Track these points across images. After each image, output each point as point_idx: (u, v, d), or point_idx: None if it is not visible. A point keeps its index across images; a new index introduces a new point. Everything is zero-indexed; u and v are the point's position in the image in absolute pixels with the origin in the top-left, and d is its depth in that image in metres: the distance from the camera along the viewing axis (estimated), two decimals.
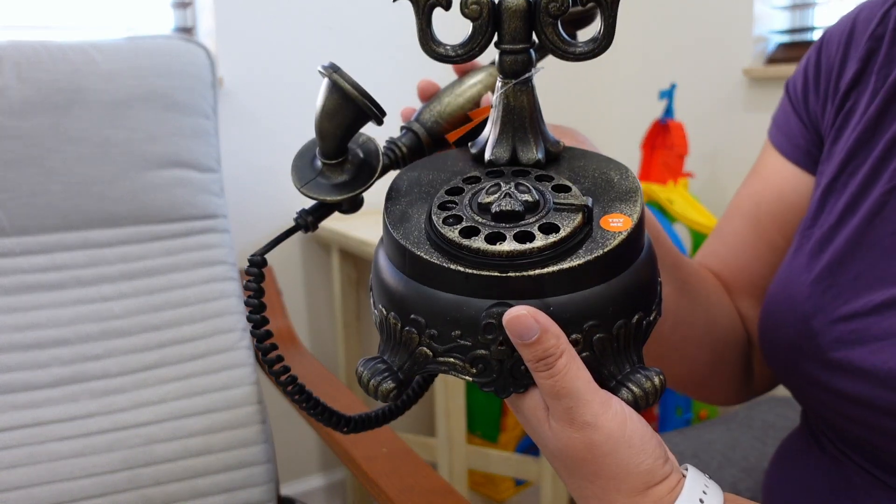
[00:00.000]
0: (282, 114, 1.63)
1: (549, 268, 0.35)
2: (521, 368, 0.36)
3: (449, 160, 0.44)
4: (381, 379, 0.38)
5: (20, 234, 1.02)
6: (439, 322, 0.36)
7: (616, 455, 0.35)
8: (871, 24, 0.57)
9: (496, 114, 0.41)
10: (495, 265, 0.35)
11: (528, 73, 0.40)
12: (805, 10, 1.74)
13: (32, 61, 1.05)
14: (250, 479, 1.01)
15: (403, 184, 0.42)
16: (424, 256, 0.36)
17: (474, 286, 0.35)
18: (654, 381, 0.36)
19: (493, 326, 0.35)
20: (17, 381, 0.96)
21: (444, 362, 0.36)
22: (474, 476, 1.75)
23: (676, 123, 1.69)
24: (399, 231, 0.38)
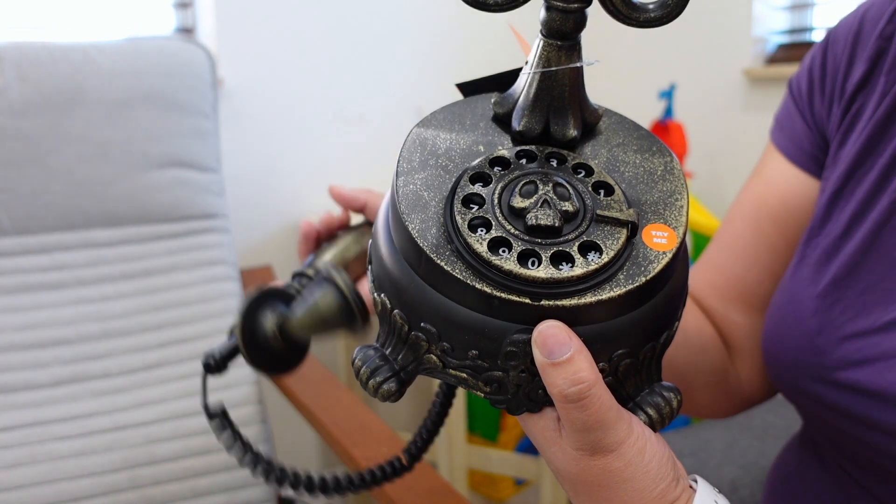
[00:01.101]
0: (282, 114, 1.63)
1: (587, 298, 0.31)
2: (539, 392, 0.33)
3: (468, 117, 0.38)
4: (382, 379, 0.34)
5: (21, 233, 1.02)
6: (454, 338, 0.32)
7: (632, 482, 0.33)
8: (879, 22, 0.54)
9: (532, 77, 0.35)
10: (527, 292, 0.31)
11: (575, 37, 0.34)
12: (804, 10, 1.74)
13: (33, 62, 1.05)
14: (250, 478, 1.01)
15: (416, 151, 0.36)
16: (445, 266, 0.31)
17: (500, 309, 0.31)
18: (673, 403, 0.34)
19: (516, 354, 0.31)
20: (18, 380, 0.96)
21: (454, 375, 0.33)
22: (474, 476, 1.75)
23: (676, 124, 1.69)
24: (414, 223, 0.32)
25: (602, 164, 0.36)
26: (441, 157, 0.36)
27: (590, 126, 0.38)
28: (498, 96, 0.38)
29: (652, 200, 0.35)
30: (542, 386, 0.32)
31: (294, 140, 1.65)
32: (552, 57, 0.34)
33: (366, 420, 0.94)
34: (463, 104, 0.39)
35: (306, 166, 1.67)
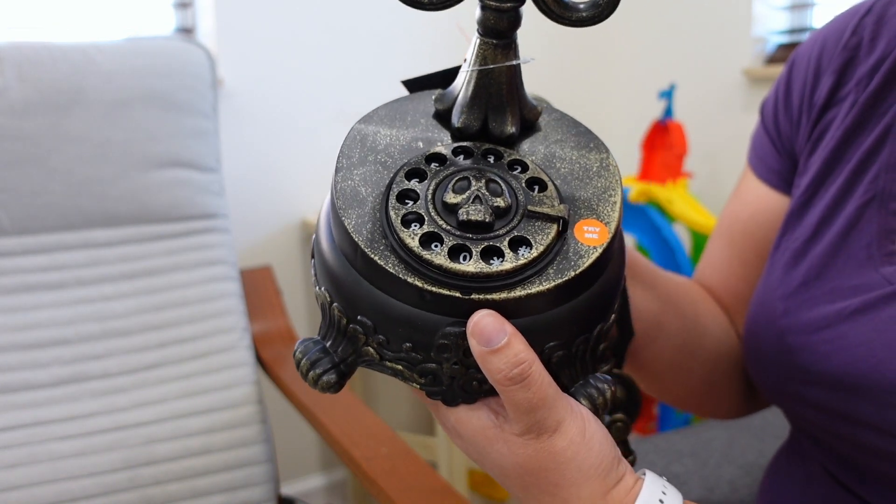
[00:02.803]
0: (282, 114, 1.63)
1: (516, 292, 0.31)
2: (473, 384, 0.33)
3: (409, 113, 0.38)
4: (321, 371, 0.35)
5: (21, 233, 1.02)
6: (389, 331, 0.33)
7: (577, 460, 0.34)
8: (843, 35, 0.56)
9: (470, 74, 0.35)
10: (457, 286, 0.31)
11: (511, 36, 0.34)
12: (804, 10, 1.74)
13: (33, 62, 1.05)
14: (250, 478, 1.01)
15: (357, 147, 0.36)
16: (378, 261, 0.32)
17: (432, 303, 0.31)
18: (606, 394, 0.35)
19: (448, 347, 0.32)
20: (18, 380, 0.96)
21: (390, 367, 0.34)
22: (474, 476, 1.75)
23: (676, 123, 1.69)
24: (351, 219, 0.33)
25: (539, 160, 0.37)
26: (380, 154, 0.36)
27: (529, 123, 0.38)
28: (439, 93, 0.38)
29: (586, 196, 0.35)
30: (475, 377, 0.33)
31: (294, 140, 1.65)
32: (488, 55, 0.34)
33: (366, 420, 0.94)
34: (406, 101, 0.39)
35: (306, 166, 1.67)
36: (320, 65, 1.66)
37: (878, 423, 0.46)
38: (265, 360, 1.14)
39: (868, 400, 0.46)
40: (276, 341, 1.19)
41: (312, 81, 1.66)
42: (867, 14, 0.55)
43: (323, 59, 1.66)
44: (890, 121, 0.51)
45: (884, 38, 0.53)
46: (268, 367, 1.14)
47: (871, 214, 0.50)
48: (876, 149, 0.51)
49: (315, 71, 1.65)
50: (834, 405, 0.49)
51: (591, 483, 0.34)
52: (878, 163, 0.51)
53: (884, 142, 0.51)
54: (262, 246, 1.63)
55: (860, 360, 0.46)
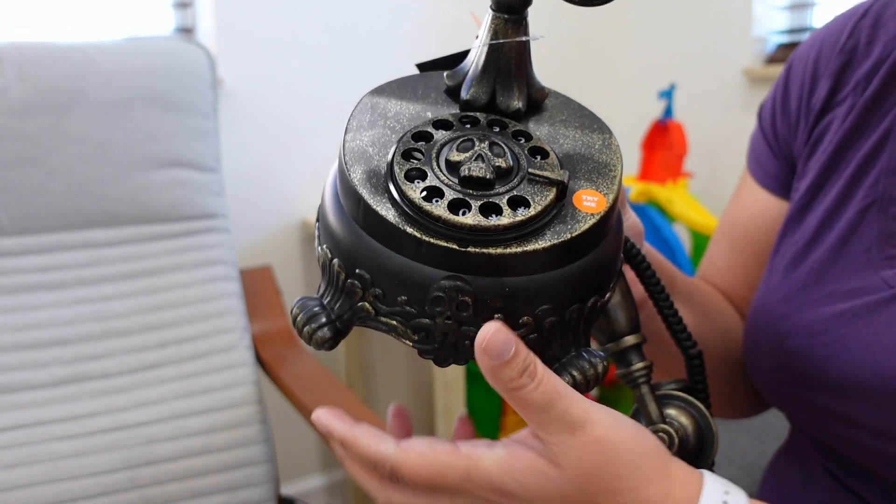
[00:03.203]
0: (282, 114, 1.63)
1: (512, 248, 0.32)
2: (465, 342, 0.33)
3: (420, 87, 0.40)
4: (316, 326, 0.35)
5: (21, 233, 1.02)
6: (386, 283, 0.33)
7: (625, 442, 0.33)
8: (840, 38, 0.56)
9: (480, 49, 0.36)
10: (455, 237, 0.32)
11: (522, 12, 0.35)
12: (804, 10, 1.74)
13: (33, 62, 1.05)
14: (250, 478, 1.01)
15: (367, 112, 0.37)
16: (380, 211, 0.32)
17: (429, 255, 0.32)
18: (598, 367, 0.35)
19: (442, 300, 0.32)
20: (18, 380, 0.96)
21: (385, 323, 0.34)
22: None
23: (676, 123, 1.69)
24: (356, 173, 0.34)
25: (543, 135, 0.38)
26: (390, 119, 0.37)
27: (535, 102, 0.39)
28: (450, 70, 0.40)
29: (587, 169, 0.36)
30: (468, 336, 0.33)
31: (294, 140, 1.65)
32: (500, 30, 0.35)
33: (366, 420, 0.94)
34: (417, 77, 0.41)
35: (306, 166, 1.67)
36: (320, 65, 1.66)
37: (878, 425, 0.46)
38: (265, 360, 1.14)
39: (867, 402, 0.46)
40: (276, 341, 1.19)
41: (312, 81, 1.65)
42: (863, 17, 0.55)
43: (323, 59, 1.66)
44: (889, 125, 0.51)
45: (880, 40, 0.53)
46: (268, 367, 1.14)
47: (871, 218, 0.50)
48: (875, 153, 0.51)
49: (315, 71, 1.65)
50: (834, 407, 0.49)
51: (650, 459, 0.33)
52: (877, 167, 0.51)
53: (883, 146, 0.51)
54: (262, 246, 1.63)
55: (860, 363, 0.46)
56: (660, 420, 0.43)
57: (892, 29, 0.53)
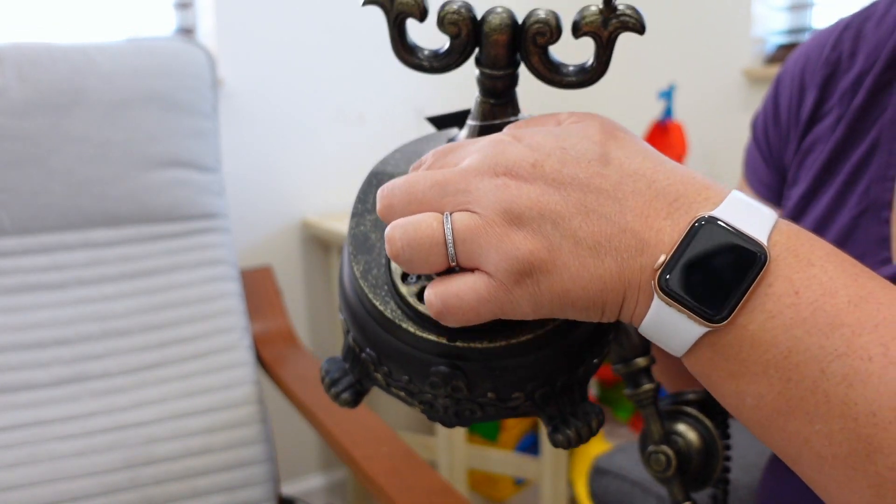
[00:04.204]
0: (282, 114, 1.63)
1: (497, 342, 0.33)
2: (466, 412, 0.36)
3: (423, 156, 0.41)
4: (340, 389, 0.39)
5: (21, 233, 1.02)
6: (390, 364, 0.36)
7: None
8: (824, 50, 0.58)
9: (472, 128, 0.37)
10: (444, 332, 0.34)
11: (510, 93, 0.36)
12: (803, 10, 1.75)
13: (34, 62, 1.05)
14: (250, 478, 1.01)
15: (372, 192, 0.39)
16: (379, 307, 0.35)
17: (423, 346, 0.34)
18: (592, 424, 0.36)
19: (438, 384, 0.34)
20: (18, 380, 0.97)
21: (396, 394, 0.37)
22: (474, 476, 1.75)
23: (675, 124, 1.69)
24: (360, 265, 0.36)
25: None
26: None
27: None
28: (452, 136, 0.41)
29: None
30: (468, 407, 0.35)
31: (294, 140, 1.65)
32: (487, 113, 0.36)
33: (366, 420, 0.95)
34: (422, 142, 0.42)
35: (306, 166, 1.67)
36: (320, 65, 1.66)
37: None
38: (265, 360, 1.14)
39: None
40: (276, 341, 1.19)
41: (312, 81, 1.66)
42: (846, 29, 0.57)
43: (323, 59, 1.66)
44: (877, 134, 0.53)
45: (862, 52, 0.55)
46: (268, 367, 1.14)
47: (865, 225, 0.52)
48: (865, 161, 0.53)
49: (315, 71, 1.65)
50: None
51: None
52: (868, 175, 0.53)
53: (873, 154, 0.53)
54: (262, 246, 1.64)
55: None
56: (661, 441, 0.44)
57: (872, 41, 0.55)
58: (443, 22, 0.34)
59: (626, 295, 0.29)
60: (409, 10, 0.34)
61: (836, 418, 0.27)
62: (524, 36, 0.34)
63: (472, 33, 0.34)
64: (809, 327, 0.27)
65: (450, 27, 0.34)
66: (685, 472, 0.44)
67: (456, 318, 0.31)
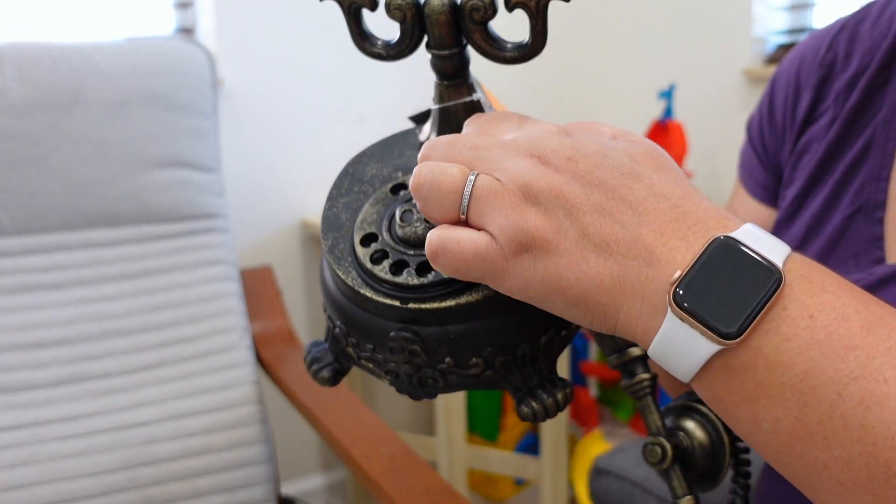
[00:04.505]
0: (282, 114, 1.63)
1: (447, 302, 0.35)
2: (429, 381, 0.36)
3: (398, 146, 0.44)
4: (319, 367, 0.41)
5: (21, 233, 1.02)
6: (356, 334, 0.37)
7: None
8: (819, 52, 0.58)
9: (434, 112, 0.40)
10: (397, 296, 0.35)
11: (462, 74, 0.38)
12: (804, 10, 1.74)
13: (33, 62, 1.05)
14: (250, 478, 1.01)
15: (346, 179, 0.42)
16: (341, 275, 0.37)
17: (381, 310, 0.36)
18: (557, 396, 0.36)
19: (397, 349, 0.36)
20: (18, 380, 0.97)
21: (365, 366, 0.39)
22: (474, 476, 1.75)
23: (675, 124, 1.69)
24: (328, 241, 0.39)
25: None
26: (364, 184, 0.42)
27: None
28: (420, 128, 0.43)
29: None
30: (429, 376, 0.36)
31: (294, 140, 1.65)
32: (444, 94, 0.39)
33: (366, 420, 0.95)
34: (400, 135, 0.45)
35: (306, 166, 1.67)
36: (320, 65, 1.66)
37: None
38: (265, 360, 1.14)
39: None
40: (276, 341, 1.19)
41: (312, 81, 1.65)
42: (841, 31, 0.58)
43: (323, 59, 1.66)
44: (871, 134, 0.53)
45: (857, 53, 0.56)
46: (268, 367, 1.14)
47: (858, 224, 0.52)
48: (859, 161, 0.53)
49: (315, 71, 1.65)
50: None
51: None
52: (861, 175, 0.53)
53: (866, 154, 0.53)
54: (262, 246, 1.63)
55: None
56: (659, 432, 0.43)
57: (867, 43, 0.56)
58: (389, 8, 0.36)
59: (622, 303, 0.29)
60: (361, 1, 0.37)
61: (854, 442, 0.26)
62: (462, 14, 0.35)
63: (417, 17, 0.36)
64: (825, 350, 0.27)
65: (395, 12, 0.36)
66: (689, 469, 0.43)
67: (446, 263, 0.32)
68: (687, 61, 1.87)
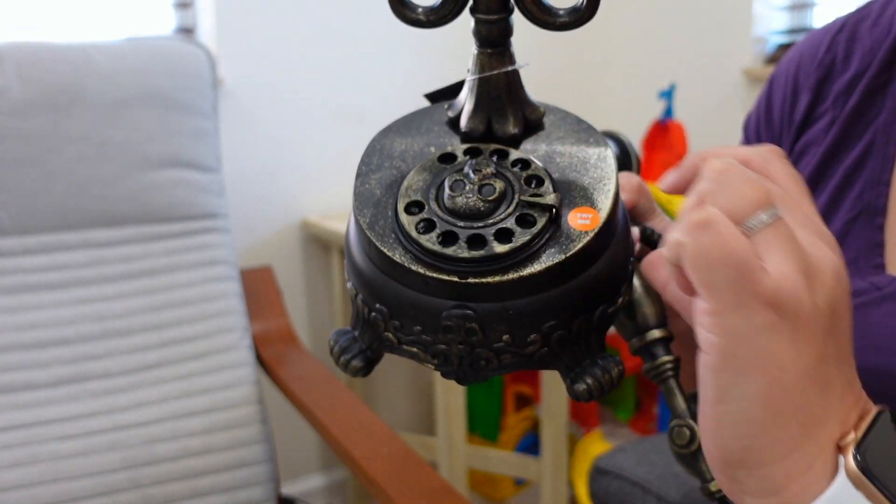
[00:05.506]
0: (282, 114, 1.63)
1: (509, 275, 0.34)
2: (481, 362, 0.35)
3: (424, 122, 0.42)
4: (350, 356, 0.39)
5: (21, 233, 1.02)
6: (402, 316, 0.35)
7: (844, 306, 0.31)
8: (818, 52, 0.58)
9: (472, 82, 0.38)
10: (455, 270, 0.34)
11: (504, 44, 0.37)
12: (804, 10, 1.74)
13: (33, 62, 1.05)
14: (250, 478, 1.01)
15: (375, 155, 0.40)
16: (386, 252, 0.35)
17: (434, 287, 0.34)
18: (612, 373, 0.36)
19: (451, 328, 0.34)
20: (18, 380, 0.96)
21: (408, 350, 0.37)
22: (474, 476, 1.75)
23: (676, 124, 1.69)
24: (366, 217, 0.37)
25: (540, 156, 0.39)
26: (395, 159, 0.40)
27: (533, 123, 0.41)
28: (449, 102, 0.42)
29: (581, 186, 0.38)
30: (482, 356, 0.35)
31: (294, 140, 1.65)
32: (485, 63, 0.37)
33: (366, 420, 0.95)
34: (421, 112, 0.43)
35: (306, 166, 1.67)
36: (320, 64, 1.66)
37: None
38: (265, 360, 1.14)
39: None
40: (276, 341, 1.19)
41: (312, 81, 1.65)
42: (840, 31, 0.57)
43: (323, 59, 1.66)
44: (871, 138, 0.53)
45: (857, 54, 0.55)
46: (268, 367, 1.14)
47: (858, 230, 0.52)
48: (859, 165, 0.53)
49: (315, 71, 1.65)
50: None
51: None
52: (861, 179, 0.53)
53: (866, 158, 0.53)
54: (262, 246, 1.63)
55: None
56: (685, 414, 0.42)
57: (867, 43, 0.55)
58: None
59: (797, 446, 0.29)
60: None
61: None
62: None
63: None
64: None
65: None
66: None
67: (707, 240, 0.27)
68: (687, 61, 1.87)
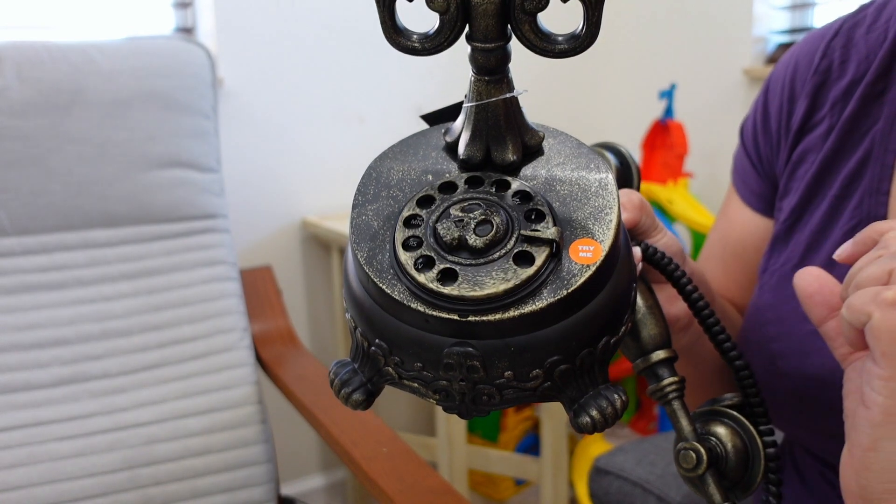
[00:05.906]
0: (282, 114, 1.63)
1: (510, 312, 0.33)
2: (483, 398, 0.35)
3: (421, 148, 0.41)
4: (351, 390, 0.38)
5: (21, 233, 1.02)
6: (402, 352, 0.35)
7: None
8: (814, 58, 0.57)
9: (469, 109, 0.37)
10: (455, 309, 0.33)
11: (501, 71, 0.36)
12: (804, 10, 1.74)
13: (33, 62, 1.05)
14: (250, 478, 1.01)
15: (371, 184, 0.39)
16: (385, 289, 0.34)
17: (434, 326, 0.33)
18: (616, 404, 0.35)
19: (453, 366, 0.33)
20: (18, 380, 0.96)
21: (408, 385, 0.36)
22: (474, 476, 1.75)
23: (676, 123, 1.69)
24: (363, 251, 0.36)
25: (540, 184, 0.38)
26: (392, 188, 0.39)
27: (532, 148, 0.39)
28: (446, 127, 0.40)
29: (582, 217, 0.36)
30: (485, 392, 0.34)
31: (294, 140, 1.65)
32: (482, 91, 0.36)
33: (366, 420, 0.94)
34: (418, 136, 0.42)
35: (306, 166, 1.67)
36: (320, 65, 1.66)
37: None
38: (265, 360, 1.14)
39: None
40: (276, 341, 1.19)
41: (312, 81, 1.65)
42: (835, 37, 0.57)
43: (323, 59, 1.66)
44: (869, 146, 0.52)
45: (853, 61, 0.55)
46: (268, 367, 1.14)
47: None
48: (858, 174, 0.53)
49: (315, 71, 1.65)
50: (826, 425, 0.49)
51: None
52: (860, 188, 0.52)
53: (865, 167, 0.52)
54: (262, 246, 1.63)
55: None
56: (692, 437, 0.41)
57: (862, 50, 0.54)
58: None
59: None
60: None
61: None
62: (513, 4, 0.34)
63: (461, 7, 0.34)
64: None
65: (439, 3, 0.34)
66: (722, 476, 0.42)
67: (889, 325, 0.31)
68: (687, 61, 1.87)
